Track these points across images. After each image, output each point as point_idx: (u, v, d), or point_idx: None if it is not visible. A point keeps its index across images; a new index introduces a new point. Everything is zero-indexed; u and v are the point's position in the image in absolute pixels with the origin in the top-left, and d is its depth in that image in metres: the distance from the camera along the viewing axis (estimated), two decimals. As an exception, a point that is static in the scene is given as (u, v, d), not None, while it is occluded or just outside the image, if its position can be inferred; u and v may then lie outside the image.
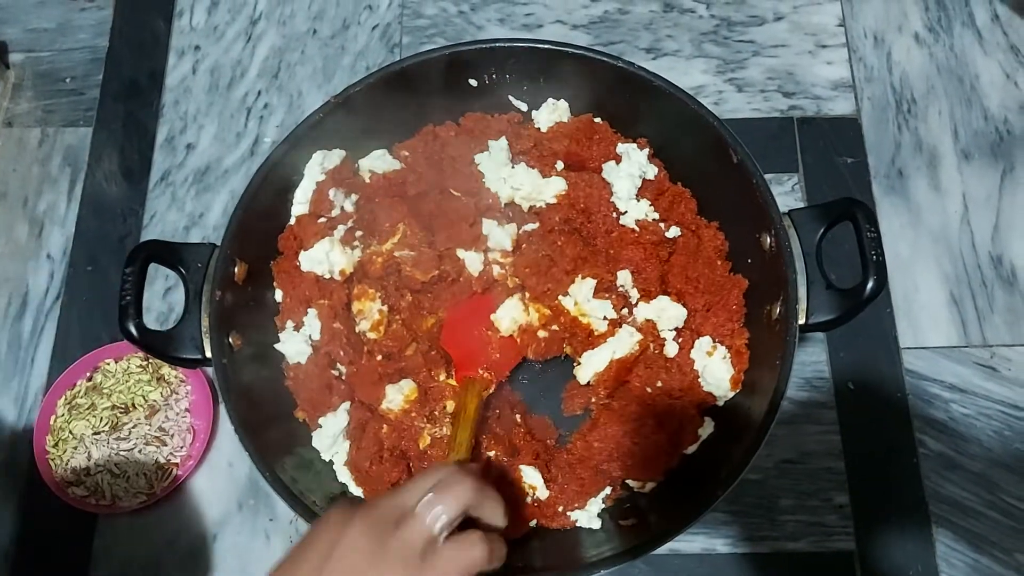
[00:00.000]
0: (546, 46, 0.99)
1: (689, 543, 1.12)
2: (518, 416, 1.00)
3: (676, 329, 1.00)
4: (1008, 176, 1.27)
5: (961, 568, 1.09)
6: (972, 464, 1.13)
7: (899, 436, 1.15)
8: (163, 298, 1.26)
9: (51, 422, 1.16)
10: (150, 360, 1.18)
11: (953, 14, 1.38)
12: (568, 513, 0.94)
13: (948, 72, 1.34)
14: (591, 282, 0.99)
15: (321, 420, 0.97)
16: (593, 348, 0.99)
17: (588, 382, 1.00)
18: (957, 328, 1.20)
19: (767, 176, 1.24)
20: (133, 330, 0.86)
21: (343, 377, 1.01)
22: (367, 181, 1.06)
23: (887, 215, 1.26)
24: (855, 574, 1.10)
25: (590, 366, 0.98)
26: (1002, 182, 1.27)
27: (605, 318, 0.99)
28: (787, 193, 1.28)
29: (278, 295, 1.02)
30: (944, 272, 1.23)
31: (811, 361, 1.19)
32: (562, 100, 1.06)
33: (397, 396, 0.98)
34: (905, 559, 1.10)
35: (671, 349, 0.99)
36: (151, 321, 1.21)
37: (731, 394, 0.96)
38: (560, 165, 1.05)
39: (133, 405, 1.16)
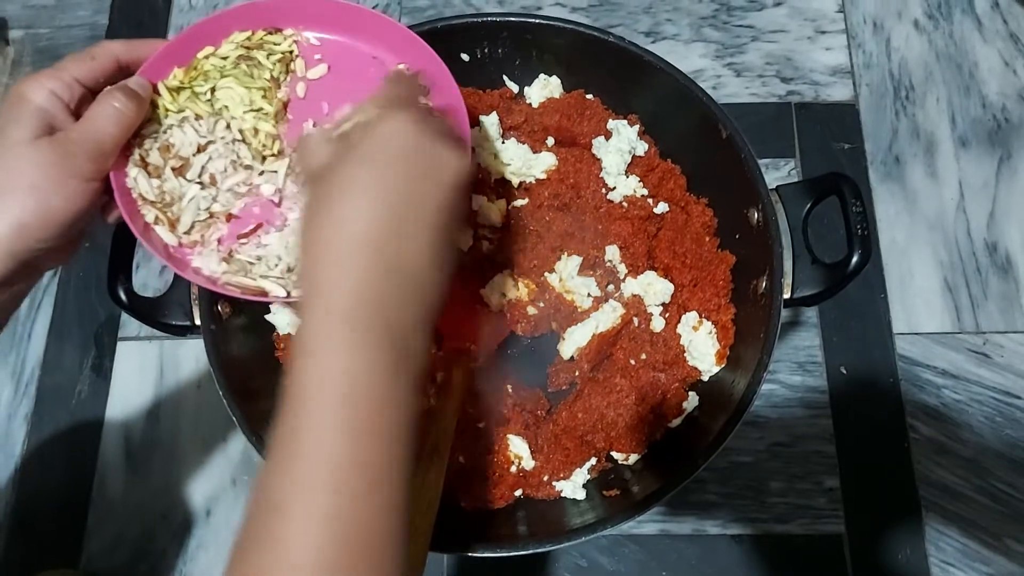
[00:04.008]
0: (537, 20, 0.99)
1: (679, 524, 1.12)
2: (509, 387, 1.00)
3: (663, 304, 1.00)
4: (1005, 164, 1.27)
5: (950, 552, 1.10)
6: (963, 449, 1.14)
7: (890, 421, 1.16)
8: (159, 275, 1.27)
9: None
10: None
11: (953, 1, 1.38)
12: (553, 483, 0.95)
13: (947, 59, 1.34)
14: (576, 259, 0.99)
15: (312, 391, 0.97)
16: (577, 324, 0.99)
17: (571, 357, 1.00)
18: (951, 314, 1.20)
19: (764, 161, 1.25)
20: (122, 295, 0.86)
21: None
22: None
23: (883, 201, 1.26)
24: (844, 557, 1.10)
25: (573, 341, 0.98)
26: (999, 170, 1.27)
27: (589, 295, 1.00)
28: (784, 178, 1.28)
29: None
30: (939, 258, 1.23)
31: (804, 345, 1.20)
32: (554, 76, 1.06)
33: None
34: (894, 543, 1.10)
35: (657, 324, 0.99)
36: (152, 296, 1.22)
37: (716, 369, 0.96)
38: (551, 141, 1.05)
39: None
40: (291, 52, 0.81)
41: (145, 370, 1.22)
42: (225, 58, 0.78)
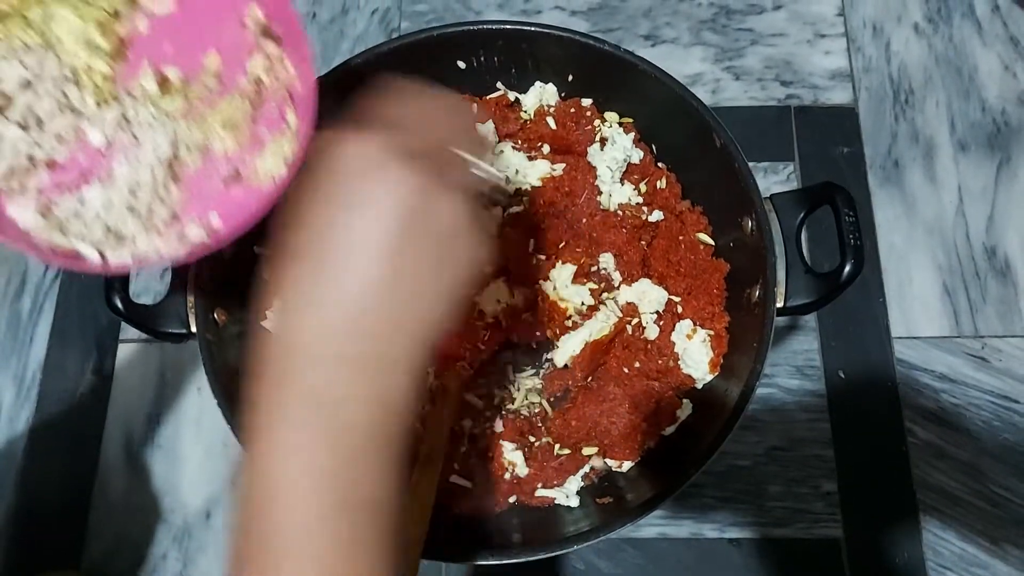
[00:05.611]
0: (532, 28, 0.99)
1: (677, 528, 1.12)
2: (503, 394, 1.01)
3: (657, 312, 1.00)
4: (1004, 168, 1.27)
5: (947, 556, 1.10)
6: (960, 453, 1.14)
7: (888, 425, 1.16)
8: (160, 279, 1.27)
9: None
10: None
11: (953, 4, 1.37)
12: (547, 491, 0.95)
13: (946, 63, 1.34)
14: (571, 267, 0.99)
15: (306, 397, 0.98)
16: (570, 332, 1.00)
17: (565, 364, 1.00)
18: (949, 319, 1.20)
19: (762, 165, 1.26)
20: (118, 303, 0.87)
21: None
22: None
23: (882, 205, 1.26)
24: (842, 561, 1.10)
25: (566, 349, 0.99)
26: (998, 173, 1.27)
27: (583, 303, 1.00)
28: (783, 182, 1.28)
29: (266, 274, 1.02)
30: (938, 263, 1.23)
31: (802, 349, 1.20)
32: (550, 84, 1.06)
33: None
34: (892, 547, 1.10)
35: (651, 332, 1.00)
36: (149, 302, 1.23)
37: (710, 377, 0.97)
38: (546, 148, 1.06)
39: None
40: None
41: (146, 373, 1.23)
42: None
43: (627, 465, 0.97)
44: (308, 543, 0.48)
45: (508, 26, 1.00)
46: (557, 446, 0.97)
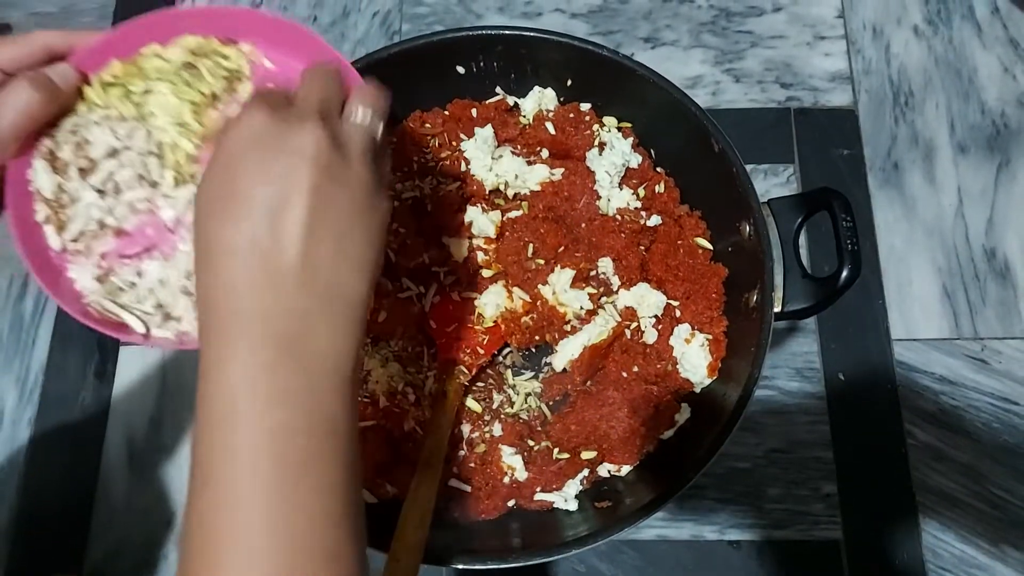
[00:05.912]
0: (531, 34, 0.99)
1: (678, 530, 1.13)
2: (502, 398, 1.01)
3: (655, 316, 1.00)
4: (1004, 170, 1.27)
5: (947, 558, 1.10)
6: (960, 455, 1.14)
7: (888, 427, 1.16)
8: (162, 281, 1.27)
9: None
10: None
11: (953, 7, 1.37)
12: (545, 495, 0.95)
13: (946, 65, 1.34)
14: (569, 272, 0.99)
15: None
16: (569, 336, 1.00)
17: (564, 369, 1.01)
18: (949, 321, 1.20)
19: (763, 167, 1.26)
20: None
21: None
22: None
23: (882, 207, 1.26)
24: (841, 563, 1.10)
25: (565, 353, 0.99)
26: (997, 175, 1.27)
27: (582, 308, 1.00)
28: (782, 184, 1.28)
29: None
30: (937, 265, 1.23)
31: (802, 352, 1.20)
32: (549, 88, 1.06)
33: (383, 378, 0.99)
34: (891, 548, 1.11)
35: (650, 336, 1.00)
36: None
37: (708, 381, 0.97)
38: (545, 153, 1.06)
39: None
40: (239, 71, 0.74)
41: (148, 375, 1.23)
42: (169, 61, 0.71)
43: (626, 469, 0.97)
44: (257, 460, 0.50)
45: (507, 31, 1.00)
46: (556, 450, 0.97)
